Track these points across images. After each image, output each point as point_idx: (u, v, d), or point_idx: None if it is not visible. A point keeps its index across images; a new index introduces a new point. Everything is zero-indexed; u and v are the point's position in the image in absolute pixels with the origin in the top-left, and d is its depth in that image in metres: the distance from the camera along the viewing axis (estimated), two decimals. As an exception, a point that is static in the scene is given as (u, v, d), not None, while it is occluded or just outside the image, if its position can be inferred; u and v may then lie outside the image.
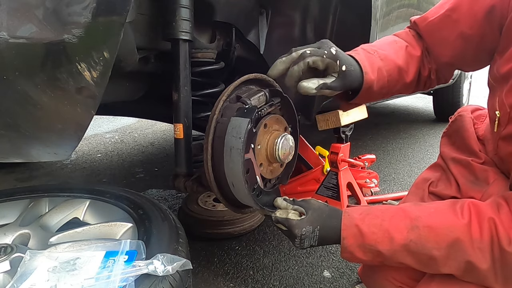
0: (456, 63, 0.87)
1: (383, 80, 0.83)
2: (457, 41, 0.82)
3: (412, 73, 0.87)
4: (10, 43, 0.51)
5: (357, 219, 0.75)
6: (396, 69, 0.84)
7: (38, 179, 2.15)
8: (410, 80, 0.87)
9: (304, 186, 1.75)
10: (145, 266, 0.66)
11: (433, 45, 0.87)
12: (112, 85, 0.72)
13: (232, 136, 0.77)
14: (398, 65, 0.84)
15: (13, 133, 0.62)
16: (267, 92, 0.91)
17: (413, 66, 0.87)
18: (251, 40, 1.18)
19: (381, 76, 0.82)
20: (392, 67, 0.84)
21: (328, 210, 0.80)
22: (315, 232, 0.76)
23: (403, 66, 0.85)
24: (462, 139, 0.94)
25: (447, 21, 0.82)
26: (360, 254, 0.75)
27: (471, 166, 0.87)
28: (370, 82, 0.80)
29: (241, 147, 0.75)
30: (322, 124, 1.51)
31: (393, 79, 0.85)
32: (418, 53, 0.88)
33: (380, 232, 0.73)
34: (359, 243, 0.74)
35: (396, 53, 0.86)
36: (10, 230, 0.87)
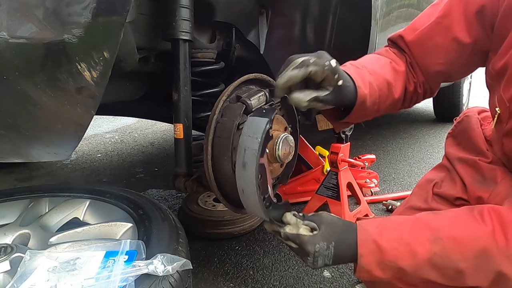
0: (447, 70, 0.85)
1: (375, 95, 0.81)
2: (451, 46, 0.81)
3: (399, 88, 0.85)
4: (10, 43, 0.51)
5: (374, 234, 0.69)
6: (386, 83, 0.83)
7: (38, 179, 2.15)
8: (398, 95, 0.85)
9: (304, 186, 1.75)
10: (145, 266, 0.66)
11: (423, 54, 0.86)
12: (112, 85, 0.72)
13: (248, 136, 0.71)
14: (387, 80, 0.83)
15: (13, 133, 0.62)
16: (267, 92, 0.91)
17: (400, 81, 0.86)
18: (251, 40, 1.18)
19: (372, 90, 0.80)
20: (381, 82, 0.82)
21: (343, 224, 0.73)
22: (329, 249, 0.69)
23: (391, 81, 0.84)
24: (469, 139, 0.93)
25: (439, 28, 0.82)
26: (378, 272, 0.68)
27: (478, 165, 0.86)
28: (363, 96, 0.78)
29: (258, 148, 0.69)
30: (322, 124, 1.51)
31: (383, 94, 0.83)
32: (402, 68, 0.87)
33: (401, 247, 0.67)
34: (377, 260, 0.68)
35: (383, 68, 0.85)
36: (10, 230, 0.87)
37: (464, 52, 0.81)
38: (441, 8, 0.82)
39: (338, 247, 0.69)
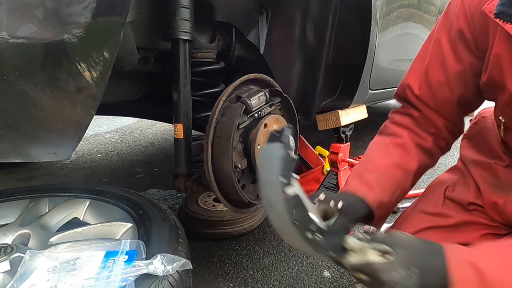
0: (461, 100, 0.82)
1: (389, 187, 0.79)
2: (453, 78, 0.80)
3: (414, 159, 0.83)
4: (10, 43, 0.51)
5: (470, 255, 0.55)
6: (393, 168, 0.80)
7: (38, 179, 2.15)
8: (416, 166, 0.83)
9: (304, 186, 1.74)
10: (145, 266, 0.66)
11: (433, 97, 0.83)
12: (112, 85, 0.72)
13: (264, 168, 0.61)
14: (393, 164, 0.81)
15: (13, 133, 0.62)
16: (267, 92, 0.91)
17: (410, 152, 0.83)
18: (251, 40, 1.18)
19: (383, 187, 0.78)
20: (388, 171, 0.80)
21: (425, 245, 0.59)
22: (411, 278, 0.54)
23: (400, 162, 0.81)
24: (485, 141, 0.90)
25: (436, 65, 0.81)
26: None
27: (493, 169, 0.83)
28: (375, 200, 0.75)
29: (278, 182, 0.58)
30: (322, 124, 1.51)
31: (399, 179, 0.81)
32: (404, 139, 0.84)
33: (509, 270, 0.53)
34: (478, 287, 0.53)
35: (384, 156, 0.83)
36: (10, 230, 0.87)
37: (467, 80, 0.79)
38: (431, 46, 0.83)
39: (423, 275, 0.54)
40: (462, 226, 0.85)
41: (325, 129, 1.51)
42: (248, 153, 0.88)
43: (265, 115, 0.91)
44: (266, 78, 0.96)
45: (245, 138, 0.89)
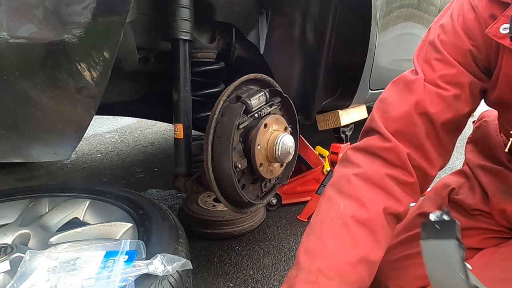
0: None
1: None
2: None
3: (382, 240, 0.67)
4: (10, 43, 0.51)
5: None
6: (357, 265, 0.64)
7: (38, 179, 2.15)
8: (384, 249, 0.68)
9: (304, 186, 1.75)
10: (145, 266, 0.66)
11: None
12: (112, 85, 0.72)
13: (440, 270, 0.54)
14: (357, 259, 0.64)
15: (13, 133, 0.62)
16: (267, 92, 0.91)
17: (379, 228, 0.67)
18: (251, 40, 1.18)
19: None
20: (351, 272, 0.63)
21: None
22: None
23: (364, 252, 0.64)
24: (489, 148, 0.89)
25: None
26: None
27: (503, 175, 0.82)
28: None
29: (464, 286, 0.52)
30: (322, 124, 1.51)
31: (362, 278, 0.65)
32: (376, 205, 0.67)
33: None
34: None
35: (347, 243, 0.64)
36: (10, 230, 0.87)
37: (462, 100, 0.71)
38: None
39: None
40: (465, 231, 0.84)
41: (325, 129, 1.52)
42: (248, 153, 0.88)
43: (265, 115, 0.91)
44: (266, 78, 0.96)
45: (245, 138, 0.89)
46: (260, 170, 0.89)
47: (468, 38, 0.68)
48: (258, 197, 0.98)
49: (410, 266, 0.83)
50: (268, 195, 1.03)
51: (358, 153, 0.72)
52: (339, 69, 1.37)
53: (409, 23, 1.78)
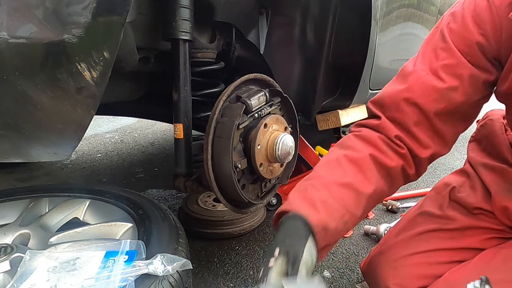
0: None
1: (336, 210, 0.68)
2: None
3: (371, 179, 0.73)
4: (10, 43, 0.51)
5: None
6: (343, 187, 0.70)
7: (38, 179, 2.15)
8: (373, 188, 0.72)
9: (304, 186, 1.74)
10: (145, 266, 0.66)
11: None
12: (112, 85, 0.71)
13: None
14: (344, 182, 0.71)
15: (13, 133, 0.62)
16: (267, 92, 0.91)
17: (369, 169, 0.73)
18: (251, 40, 1.18)
19: (329, 208, 0.68)
20: (337, 189, 0.70)
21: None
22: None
23: (352, 180, 0.71)
24: (493, 146, 0.89)
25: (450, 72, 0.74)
26: None
27: (506, 173, 0.82)
28: (319, 223, 0.66)
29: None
30: (322, 124, 1.51)
31: (348, 201, 0.70)
32: (362, 153, 0.74)
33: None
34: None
35: (337, 169, 0.72)
36: (10, 230, 0.87)
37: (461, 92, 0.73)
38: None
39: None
40: (466, 230, 0.84)
41: (325, 129, 1.51)
42: (248, 153, 0.88)
43: (265, 115, 0.91)
44: (266, 78, 0.96)
45: (245, 138, 0.89)
46: (260, 170, 0.89)
47: (478, 27, 0.69)
48: (258, 197, 0.98)
49: (410, 266, 0.84)
50: (268, 195, 1.03)
51: (359, 126, 0.82)
52: (339, 69, 1.37)
53: (409, 23, 1.78)
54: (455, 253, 0.82)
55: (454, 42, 0.72)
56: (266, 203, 1.03)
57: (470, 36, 0.70)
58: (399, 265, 0.85)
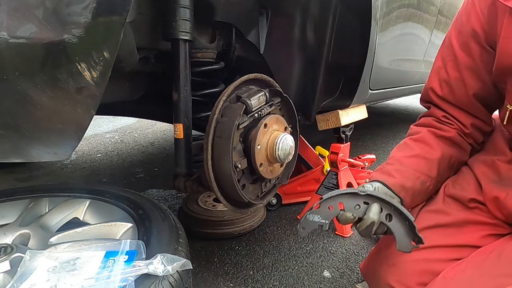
0: (481, 94, 0.86)
1: (409, 174, 0.84)
2: (466, 73, 0.85)
3: (435, 148, 0.88)
4: (10, 43, 0.51)
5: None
6: (411, 158, 0.86)
7: (38, 179, 2.15)
8: (440, 154, 0.87)
9: (304, 186, 1.75)
10: (145, 266, 0.66)
11: (452, 94, 0.89)
12: (112, 85, 0.71)
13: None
14: (411, 155, 0.87)
15: (13, 133, 0.62)
16: (267, 92, 0.91)
17: (428, 143, 0.89)
18: (251, 40, 1.18)
19: (403, 173, 0.84)
20: (406, 162, 0.86)
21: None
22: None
23: (419, 152, 0.87)
24: (491, 141, 0.93)
25: (451, 64, 0.88)
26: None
27: (496, 165, 0.85)
28: (395, 184, 0.82)
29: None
30: (322, 124, 1.51)
31: (417, 165, 0.85)
32: (421, 132, 0.91)
33: None
34: None
35: (402, 151, 0.90)
36: (10, 230, 0.87)
37: (479, 74, 0.84)
38: (445, 49, 0.90)
39: None
40: (463, 226, 0.85)
41: (325, 129, 1.51)
42: (248, 153, 0.88)
43: (265, 115, 0.91)
44: (266, 78, 0.96)
45: (245, 138, 0.88)
46: (260, 170, 0.89)
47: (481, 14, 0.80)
48: (258, 197, 0.98)
49: (409, 262, 0.85)
50: (268, 195, 1.03)
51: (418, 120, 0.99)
52: (339, 69, 1.37)
53: (409, 23, 1.78)
54: (453, 251, 0.83)
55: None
56: (266, 203, 1.03)
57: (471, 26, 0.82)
58: (398, 262, 0.86)
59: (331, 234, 1.49)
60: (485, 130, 0.92)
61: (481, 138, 0.93)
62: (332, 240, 1.44)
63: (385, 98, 2.16)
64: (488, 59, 0.81)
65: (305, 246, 1.40)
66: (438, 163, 0.87)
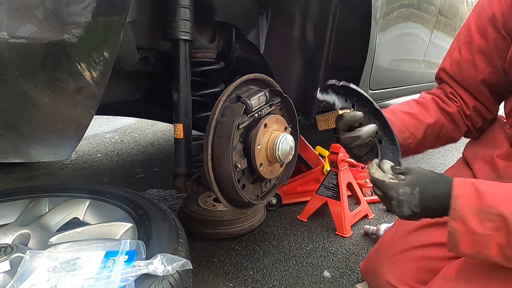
0: (490, 79, 0.88)
1: (396, 125, 0.85)
2: (478, 56, 0.87)
3: (432, 114, 0.90)
4: (10, 43, 0.51)
5: (472, 180, 0.66)
6: (406, 114, 0.89)
7: (38, 179, 2.15)
8: (433, 120, 0.90)
9: (304, 186, 1.75)
10: (145, 266, 0.66)
11: (461, 75, 0.91)
12: (112, 85, 0.72)
13: None
14: (407, 112, 0.90)
15: (13, 133, 0.62)
16: (267, 92, 0.91)
17: (429, 108, 0.91)
18: (251, 40, 1.18)
19: (392, 122, 0.84)
20: (401, 115, 0.89)
21: (433, 175, 0.69)
22: (414, 195, 0.65)
23: (415, 112, 0.90)
24: (492, 135, 0.93)
25: (465, 46, 0.89)
26: (474, 223, 0.60)
27: (494, 162, 0.86)
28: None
29: None
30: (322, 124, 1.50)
31: (408, 122, 0.88)
32: (427, 97, 0.94)
33: (503, 192, 0.61)
34: (475, 206, 0.60)
35: (402, 107, 0.92)
36: (10, 230, 0.87)
37: (491, 59, 0.85)
38: (463, 30, 0.92)
39: (424, 194, 0.65)
40: None
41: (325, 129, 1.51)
42: (248, 153, 0.88)
43: (265, 115, 0.91)
44: (266, 78, 0.96)
45: (245, 138, 0.88)
46: (260, 170, 0.89)
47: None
48: (258, 197, 0.98)
49: (407, 260, 0.85)
50: (268, 195, 1.03)
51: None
52: (339, 69, 1.37)
53: (409, 23, 1.78)
54: None
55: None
56: (266, 203, 1.03)
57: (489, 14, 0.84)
58: (397, 260, 0.87)
59: (331, 234, 1.49)
60: (486, 116, 0.93)
61: (480, 123, 0.93)
62: (332, 240, 1.44)
63: (385, 98, 2.16)
64: (503, 45, 0.82)
65: (305, 246, 1.40)
66: (427, 127, 0.89)
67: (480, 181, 0.64)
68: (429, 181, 0.67)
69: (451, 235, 0.63)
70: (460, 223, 0.61)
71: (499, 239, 0.58)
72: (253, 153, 0.85)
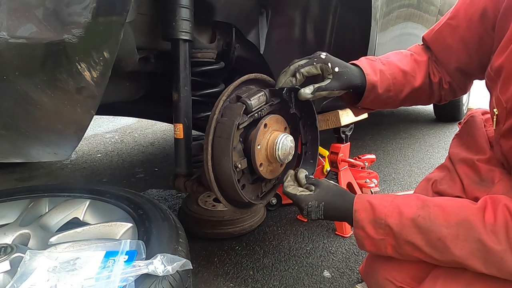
0: (464, 68, 0.90)
1: (387, 82, 0.89)
2: (459, 45, 0.87)
3: (420, 78, 0.92)
4: (10, 43, 0.51)
5: (369, 196, 0.80)
6: (400, 72, 0.90)
7: (38, 179, 2.15)
8: (419, 84, 0.92)
9: (304, 186, 1.74)
10: (145, 266, 0.66)
11: (440, 53, 0.92)
12: (112, 85, 0.72)
13: None
14: (402, 69, 0.90)
15: (13, 133, 0.62)
16: (267, 92, 0.91)
17: (421, 71, 0.92)
18: (251, 40, 1.18)
19: (384, 78, 0.88)
20: (395, 71, 0.90)
21: (336, 189, 0.84)
22: (319, 207, 0.81)
23: (409, 71, 0.91)
24: (473, 137, 0.95)
25: (449, 29, 0.89)
26: (371, 230, 0.76)
27: (476, 166, 0.87)
28: (372, 82, 0.87)
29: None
30: (322, 124, 1.51)
31: (398, 82, 0.90)
32: (423, 58, 0.94)
33: (391, 206, 0.75)
34: (370, 218, 0.76)
35: (400, 60, 0.92)
36: (10, 230, 0.87)
37: (471, 52, 0.86)
38: (451, 10, 0.90)
39: (327, 207, 0.81)
40: None
41: (325, 129, 1.51)
42: (248, 153, 0.88)
43: (265, 115, 0.91)
44: (266, 78, 0.96)
45: (245, 138, 0.88)
46: (260, 170, 0.89)
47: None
48: (258, 197, 0.98)
49: None
50: (268, 195, 1.03)
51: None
52: (339, 69, 1.37)
53: (409, 23, 1.78)
54: None
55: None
56: (266, 203, 1.03)
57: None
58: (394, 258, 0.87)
59: (331, 234, 1.49)
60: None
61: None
62: (332, 240, 1.44)
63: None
64: (486, 41, 0.81)
65: (305, 246, 1.40)
66: (411, 90, 0.93)
67: (374, 196, 0.79)
68: (332, 195, 0.82)
69: (357, 239, 0.79)
70: (361, 231, 0.77)
71: (390, 241, 0.75)
72: (253, 153, 0.85)
